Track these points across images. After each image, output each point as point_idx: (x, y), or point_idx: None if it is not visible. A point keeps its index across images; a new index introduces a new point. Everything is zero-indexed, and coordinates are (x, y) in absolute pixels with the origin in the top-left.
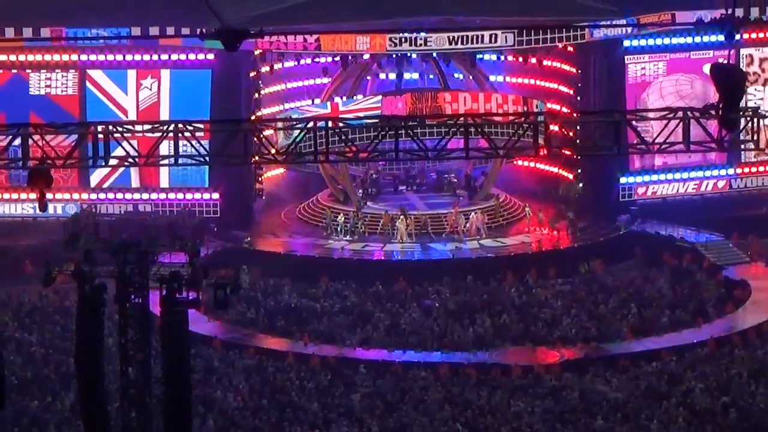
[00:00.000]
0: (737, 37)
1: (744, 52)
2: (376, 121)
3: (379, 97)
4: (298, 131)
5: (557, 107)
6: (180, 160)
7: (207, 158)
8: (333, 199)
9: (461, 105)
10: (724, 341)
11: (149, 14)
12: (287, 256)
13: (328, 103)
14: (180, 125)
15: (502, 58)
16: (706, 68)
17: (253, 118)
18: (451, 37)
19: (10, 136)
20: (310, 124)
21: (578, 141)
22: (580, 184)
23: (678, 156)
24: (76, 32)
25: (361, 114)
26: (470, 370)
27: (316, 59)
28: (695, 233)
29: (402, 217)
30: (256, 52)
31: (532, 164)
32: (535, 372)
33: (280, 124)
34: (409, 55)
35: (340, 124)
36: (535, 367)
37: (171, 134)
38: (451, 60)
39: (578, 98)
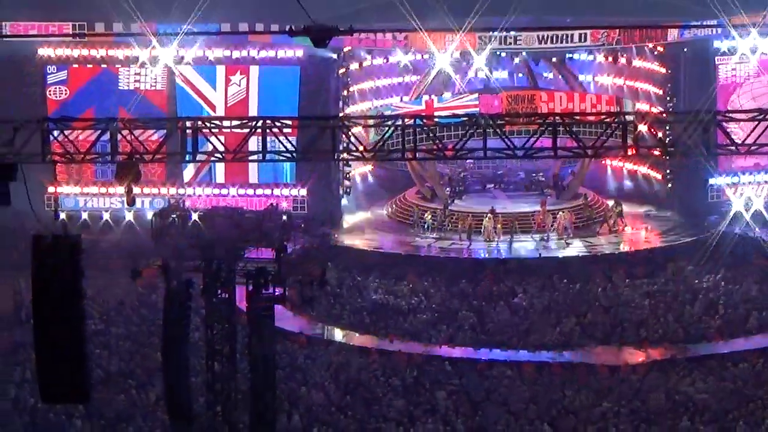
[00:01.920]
0: None
1: None
2: (465, 119)
3: (476, 95)
4: (387, 128)
5: (647, 107)
6: (267, 156)
7: (295, 154)
8: (420, 196)
9: (557, 105)
10: None
11: (239, 11)
12: (373, 253)
13: (423, 100)
14: (268, 121)
15: (592, 57)
16: None
17: (341, 115)
18: (540, 36)
19: (99, 131)
20: (399, 122)
21: (668, 141)
22: (669, 185)
23: None
24: (167, 28)
25: (457, 111)
26: (556, 369)
27: (405, 57)
28: None
29: (490, 215)
30: (345, 49)
31: (621, 164)
32: (621, 372)
33: (370, 122)
34: (498, 53)
35: (428, 123)
36: (621, 367)
37: (259, 130)
38: (540, 59)
39: (668, 99)
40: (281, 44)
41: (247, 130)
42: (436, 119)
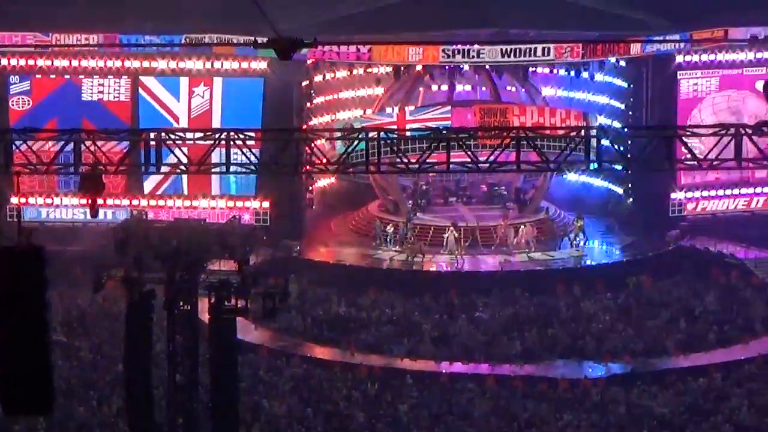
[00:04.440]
0: None
1: None
2: (428, 132)
3: (448, 108)
4: (351, 140)
5: (609, 122)
6: (231, 168)
7: (258, 167)
8: (383, 209)
9: (528, 119)
10: None
11: (202, 22)
12: (336, 266)
13: (395, 113)
14: (232, 133)
15: (556, 71)
16: (760, 85)
17: (304, 127)
18: (504, 50)
19: (63, 142)
20: (362, 135)
21: (630, 156)
22: (630, 199)
23: (729, 172)
24: (130, 39)
25: (431, 123)
26: (517, 383)
27: (369, 69)
28: (744, 250)
29: (452, 228)
30: (309, 62)
31: (582, 178)
32: (582, 385)
33: (336, 134)
34: (461, 66)
35: (392, 136)
36: (581, 381)
37: (223, 142)
38: (503, 72)
39: (630, 113)
40: (245, 56)
41: (210, 142)
42: (407, 132)
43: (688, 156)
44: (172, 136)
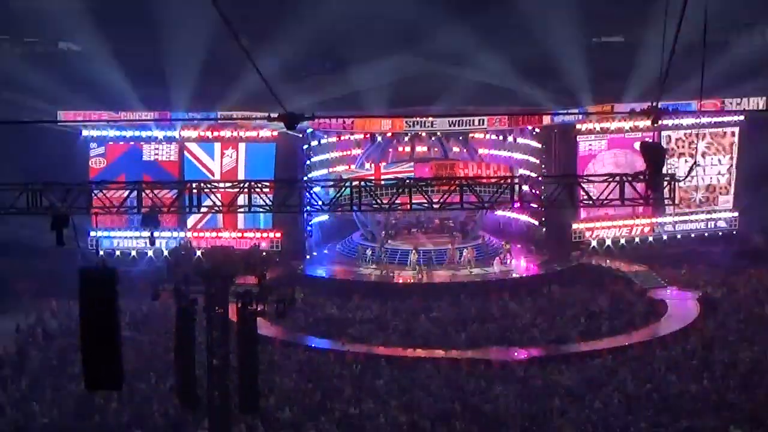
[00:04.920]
0: (660, 122)
1: (664, 133)
2: (396, 181)
3: (412, 164)
4: (341, 188)
5: (528, 173)
6: (252, 209)
7: (272, 208)
8: (363, 237)
9: (470, 171)
10: (649, 344)
11: (231, 102)
12: (329, 280)
13: (372, 167)
14: (252, 183)
15: (488, 136)
16: (637, 145)
17: (305, 178)
18: (450, 121)
19: (129, 190)
20: (348, 183)
21: (543, 197)
22: (544, 229)
23: (615, 209)
24: (178, 115)
25: (399, 175)
26: (463, 364)
27: (352, 136)
28: (627, 265)
29: (414, 251)
30: (309, 131)
31: (509, 214)
32: (510, 365)
33: (329, 183)
34: (419, 133)
35: (369, 184)
36: (510, 362)
37: (246, 190)
38: (450, 138)
39: (543, 166)
40: (262, 127)
41: (236, 190)
42: (381, 181)
43: (586, 197)
44: (209, 186)
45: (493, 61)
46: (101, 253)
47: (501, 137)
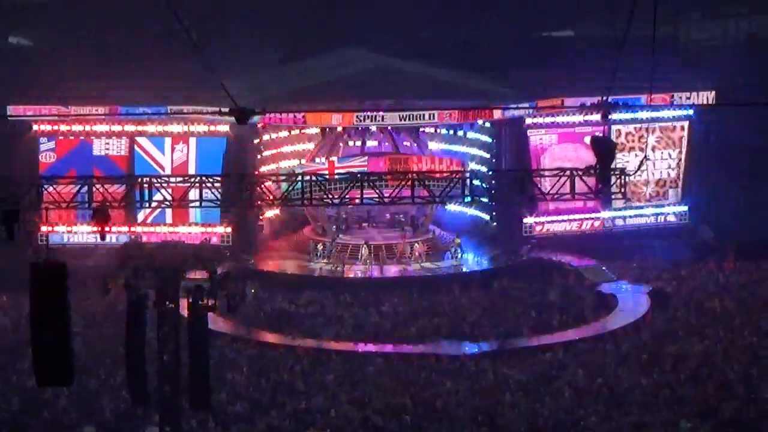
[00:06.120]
0: (610, 117)
1: (614, 127)
2: (347, 176)
3: (366, 158)
4: (291, 182)
5: (478, 167)
6: (203, 203)
7: (222, 202)
8: (314, 232)
9: (424, 166)
10: (598, 338)
11: (183, 97)
12: (280, 274)
13: (325, 161)
14: (203, 178)
15: (438, 130)
16: (587, 139)
17: (255, 173)
18: (400, 115)
19: (79, 185)
20: (299, 178)
21: (494, 192)
22: (494, 223)
23: (566, 203)
24: (128, 109)
25: (353, 169)
26: (413, 358)
27: (303, 130)
28: (577, 259)
29: (365, 245)
30: (260, 125)
31: (460, 208)
32: (461, 360)
33: (281, 178)
34: (370, 127)
35: (321, 179)
36: (460, 356)
37: (197, 184)
38: (401, 132)
39: (494, 161)
40: (213, 121)
41: (187, 185)
42: (336, 176)
43: (536, 191)
44: (159, 181)
45: (443, 55)
46: (50, 248)
47: (452, 131)
